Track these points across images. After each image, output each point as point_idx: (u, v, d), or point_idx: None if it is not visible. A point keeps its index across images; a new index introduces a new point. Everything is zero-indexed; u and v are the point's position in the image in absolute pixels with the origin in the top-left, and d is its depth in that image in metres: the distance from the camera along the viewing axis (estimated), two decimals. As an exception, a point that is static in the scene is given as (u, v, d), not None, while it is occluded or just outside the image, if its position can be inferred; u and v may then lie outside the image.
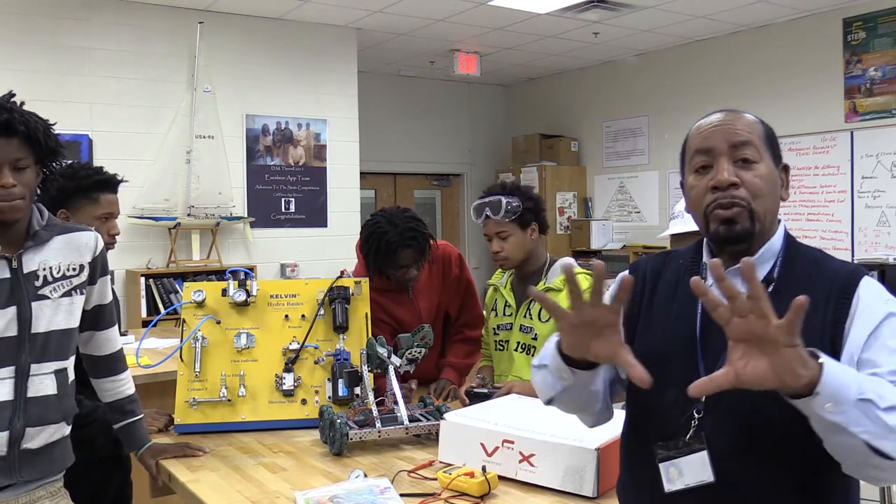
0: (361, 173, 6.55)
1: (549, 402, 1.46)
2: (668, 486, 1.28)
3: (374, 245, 2.63)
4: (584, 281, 2.65)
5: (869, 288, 1.27)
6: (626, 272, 1.52)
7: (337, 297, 2.52)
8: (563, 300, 2.61)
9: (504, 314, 2.76)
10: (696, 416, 1.30)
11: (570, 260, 2.77)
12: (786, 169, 1.40)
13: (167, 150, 5.56)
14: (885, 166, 5.69)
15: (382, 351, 2.26)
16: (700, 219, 1.37)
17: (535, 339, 2.65)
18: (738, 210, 1.31)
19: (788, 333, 1.06)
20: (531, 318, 2.66)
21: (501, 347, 2.77)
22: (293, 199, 6.14)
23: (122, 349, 2.08)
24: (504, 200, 2.61)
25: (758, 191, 1.32)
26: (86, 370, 2.04)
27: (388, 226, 2.63)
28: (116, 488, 2.50)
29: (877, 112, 5.73)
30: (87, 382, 2.06)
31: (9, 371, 1.72)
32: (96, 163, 5.08)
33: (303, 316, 2.53)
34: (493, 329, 2.80)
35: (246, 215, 5.90)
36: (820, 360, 1.08)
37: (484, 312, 2.95)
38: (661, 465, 1.29)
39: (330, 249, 6.18)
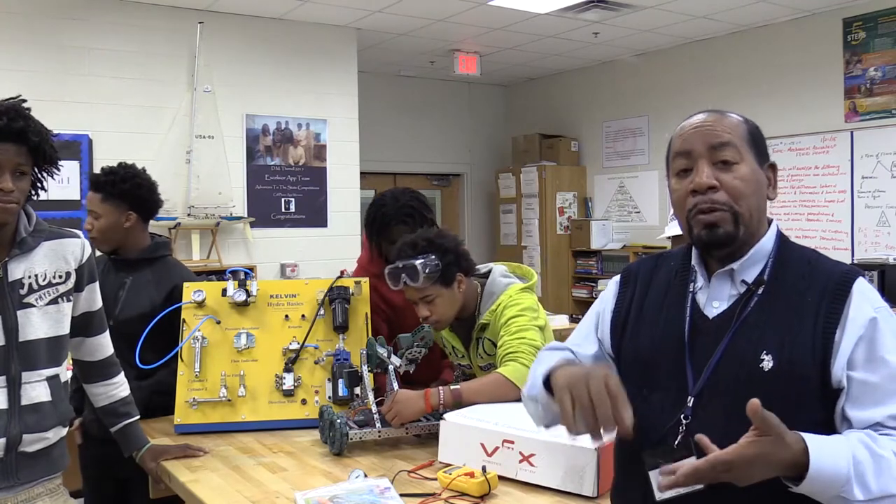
0: (361, 173, 6.54)
1: (547, 427, 1.48)
2: (659, 495, 1.25)
3: (372, 216, 2.69)
4: (528, 298, 2.42)
5: (861, 293, 1.27)
6: (618, 276, 1.53)
7: (337, 297, 2.52)
8: (493, 331, 2.38)
9: (457, 356, 2.60)
10: (683, 421, 1.29)
11: (501, 268, 2.55)
12: (773, 168, 1.38)
13: (167, 150, 5.55)
14: (885, 166, 5.69)
15: (382, 351, 2.25)
16: (683, 223, 1.37)
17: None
18: (719, 214, 1.30)
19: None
20: (485, 356, 2.48)
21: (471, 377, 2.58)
22: (293, 199, 6.14)
23: (113, 353, 2.08)
24: (419, 264, 2.29)
25: (738, 193, 1.30)
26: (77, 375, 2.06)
27: (390, 200, 2.69)
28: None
29: (877, 112, 5.72)
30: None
31: (0, 380, 1.73)
32: (96, 163, 5.13)
33: (303, 316, 2.53)
34: (457, 365, 2.65)
35: (246, 215, 5.90)
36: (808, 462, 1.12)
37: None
38: (651, 473, 1.26)
39: (330, 249, 6.18)
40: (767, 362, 1.25)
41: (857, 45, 5.81)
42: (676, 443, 1.27)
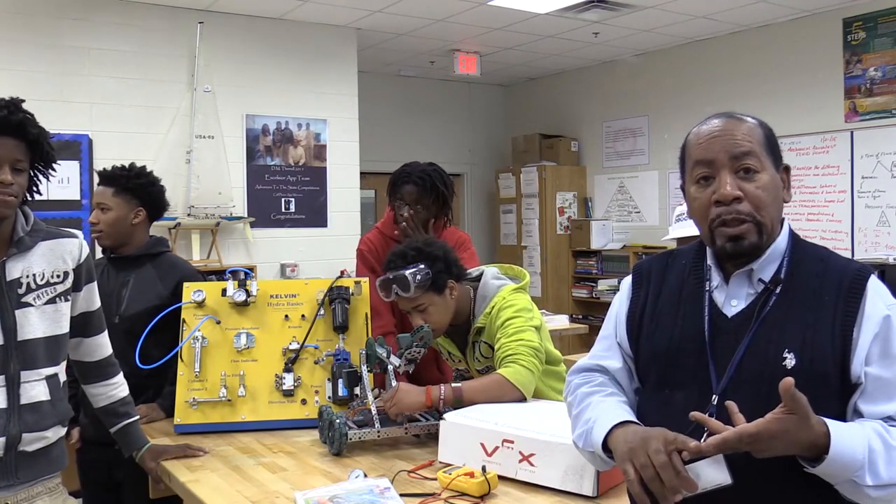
0: (361, 173, 6.55)
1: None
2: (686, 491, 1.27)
3: (393, 175, 2.93)
4: (521, 298, 2.40)
5: (875, 291, 1.29)
6: (630, 276, 1.53)
7: (337, 297, 2.52)
8: (489, 334, 2.38)
9: (454, 361, 2.58)
10: None
11: (493, 270, 2.52)
12: (786, 170, 1.40)
13: (167, 150, 5.55)
14: (885, 166, 5.69)
15: (381, 351, 2.25)
16: (705, 232, 1.38)
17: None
18: (745, 227, 1.31)
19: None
20: (482, 359, 2.45)
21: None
22: (293, 199, 6.14)
23: (112, 354, 2.08)
24: (409, 274, 2.29)
25: (761, 202, 1.32)
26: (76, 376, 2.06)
27: (414, 164, 2.95)
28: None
29: (877, 112, 5.72)
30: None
31: None
32: (96, 163, 5.12)
33: (303, 316, 2.53)
34: (455, 369, 2.63)
35: (246, 215, 5.89)
36: (827, 446, 1.17)
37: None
38: None
39: (330, 249, 6.18)
40: (790, 360, 1.27)
41: (857, 45, 5.81)
42: (703, 440, 1.27)
